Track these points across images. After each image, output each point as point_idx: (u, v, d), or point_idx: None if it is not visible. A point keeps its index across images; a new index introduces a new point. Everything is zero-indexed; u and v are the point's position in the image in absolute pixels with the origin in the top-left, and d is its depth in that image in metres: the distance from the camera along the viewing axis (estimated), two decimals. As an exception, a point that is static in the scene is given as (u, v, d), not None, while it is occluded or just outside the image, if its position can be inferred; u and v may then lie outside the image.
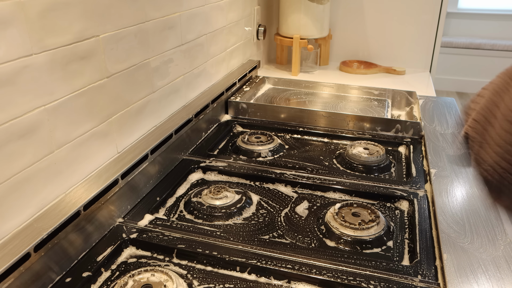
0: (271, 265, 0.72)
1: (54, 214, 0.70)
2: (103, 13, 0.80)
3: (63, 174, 0.75)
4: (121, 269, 0.74)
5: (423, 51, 1.88)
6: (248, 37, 1.64)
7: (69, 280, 0.69)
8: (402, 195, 0.93)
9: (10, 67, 0.62)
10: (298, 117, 1.31)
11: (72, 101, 0.75)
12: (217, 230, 0.81)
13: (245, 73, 1.52)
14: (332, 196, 0.96)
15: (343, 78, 1.77)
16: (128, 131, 0.93)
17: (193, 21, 1.16)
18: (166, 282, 0.67)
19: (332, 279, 0.69)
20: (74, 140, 0.77)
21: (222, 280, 0.72)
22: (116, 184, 0.83)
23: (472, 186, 0.92)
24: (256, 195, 0.96)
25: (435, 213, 0.84)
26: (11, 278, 0.60)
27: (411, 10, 1.82)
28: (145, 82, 0.97)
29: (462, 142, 0.55)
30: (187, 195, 0.95)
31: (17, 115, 0.64)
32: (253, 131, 1.23)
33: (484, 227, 0.78)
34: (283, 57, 1.96)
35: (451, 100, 1.43)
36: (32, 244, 0.63)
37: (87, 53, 0.77)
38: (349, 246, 0.79)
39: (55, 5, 0.68)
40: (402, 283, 0.69)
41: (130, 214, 0.86)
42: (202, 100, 1.21)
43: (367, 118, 1.25)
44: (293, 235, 0.83)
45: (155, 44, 0.99)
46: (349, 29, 1.93)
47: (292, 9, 1.74)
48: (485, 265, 0.69)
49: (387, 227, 0.83)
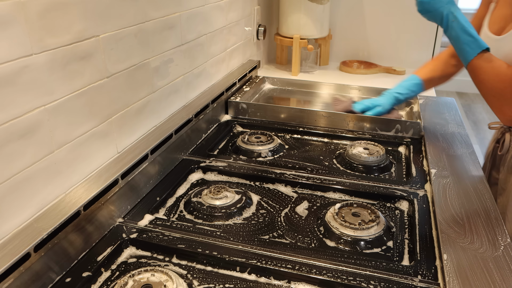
0: (271, 265, 0.72)
1: (54, 214, 0.70)
2: (103, 13, 0.80)
3: (63, 174, 0.75)
4: (121, 269, 0.74)
5: (423, 51, 1.88)
6: (248, 37, 1.64)
7: (69, 280, 0.69)
8: (402, 195, 0.93)
9: (10, 67, 0.62)
10: (298, 117, 1.31)
11: (72, 101, 0.75)
12: (217, 230, 0.81)
13: (245, 73, 1.52)
14: (332, 196, 0.96)
15: (343, 78, 1.77)
16: (128, 131, 0.93)
17: (193, 21, 1.16)
18: (166, 282, 0.67)
19: (332, 279, 0.69)
20: (74, 140, 0.77)
21: (222, 280, 0.72)
22: (116, 184, 0.83)
23: (472, 186, 0.92)
24: (256, 195, 0.96)
25: (435, 213, 0.84)
26: (11, 278, 0.60)
27: (411, 10, 1.81)
28: (145, 82, 0.97)
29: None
30: (187, 195, 0.95)
31: (17, 115, 0.64)
32: (253, 131, 1.23)
33: (484, 227, 0.78)
34: (283, 57, 1.96)
35: (451, 100, 1.43)
36: (32, 244, 0.63)
37: (87, 53, 0.77)
38: (349, 246, 0.79)
39: (55, 5, 0.68)
40: (402, 283, 0.69)
41: (130, 214, 0.86)
42: (202, 100, 1.21)
43: (367, 118, 1.25)
44: (293, 235, 0.83)
45: (155, 44, 0.99)
46: (349, 29, 1.93)
47: (292, 9, 1.74)
48: (485, 265, 0.69)
49: (387, 227, 0.83)
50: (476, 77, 1.00)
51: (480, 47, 0.98)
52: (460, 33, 1.00)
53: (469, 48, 0.99)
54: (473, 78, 1.01)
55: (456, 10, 1.01)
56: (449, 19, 1.01)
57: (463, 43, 1.00)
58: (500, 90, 0.96)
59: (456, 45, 1.02)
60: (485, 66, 0.97)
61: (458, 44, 1.01)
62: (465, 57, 1.00)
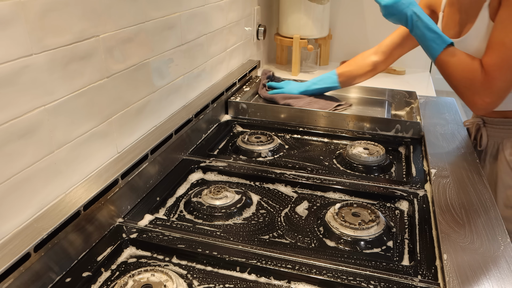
0: (271, 265, 0.72)
1: (54, 214, 0.70)
2: (103, 13, 0.80)
3: (63, 174, 0.75)
4: (121, 269, 0.74)
5: (423, 51, 1.87)
6: (248, 37, 1.64)
7: (69, 280, 0.69)
8: (402, 195, 0.93)
9: (10, 67, 0.62)
10: (298, 117, 1.31)
11: (72, 101, 0.75)
12: (217, 230, 0.81)
13: (245, 73, 1.52)
14: (332, 196, 0.96)
15: (343, 78, 1.76)
16: (128, 131, 0.93)
17: (193, 21, 1.16)
18: (166, 282, 0.67)
19: (332, 279, 0.69)
20: (74, 140, 0.77)
21: (222, 280, 0.72)
22: (116, 184, 0.83)
23: (472, 186, 0.92)
24: (256, 195, 0.96)
25: (435, 213, 0.84)
26: (11, 278, 0.60)
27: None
28: (145, 82, 0.97)
29: None
30: (187, 195, 0.95)
31: (17, 115, 0.64)
32: (253, 131, 1.23)
33: (484, 227, 0.78)
34: (283, 57, 1.96)
35: (451, 100, 1.43)
36: (32, 244, 0.63)
37: (87, 53, 0.77)
38: (349, 246, 0.79)
39: (55, 5, 0.68)
40: (402, 283, 0.69)
41: (130, 214, 0.86)
42: (202, 100, 1.21)
43: (367, 118, 1.25)
44: (293, 235, 0.83)
45: (155, 44, 0.99)
46: (349, 29, 1.93)
47: (292, 9, 1.74)
48: (485, 265, 0.69)
49: (387, 227, 0.83)
50: (445, 71, 1.02)
51: (445, 42, 1.01)
52: (425, 31, 1.03)
53: (435, 44, 1.02)
54: (442, 73, 1.04)
55: (419, 10, 1.04)
56: (413, 19, 1.04)
57: (429, 40, 1.03)
58: (470, 80, 0.98)
59: (422, 43, 1.05)
60: (452, 60, 1.00)
61: (424, 41, 1.04)
62: (432, 53, 1.03)
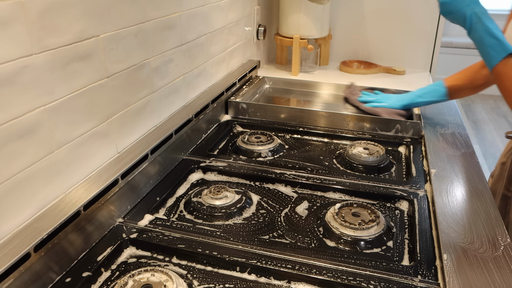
0: (271, 265, 0.72)
1: (54, 214, 0.70)
2: (103, 13, 0.80)
3: (63, 174, 0.75)
4: (121, 269, 0.74)
5: (423, 51, 1.87)
6: (248, 37, 1.64)
7: (69, 280, 0.69)
8: (402, 195, 0.93)
9: (10, 67, 0.62)
10: (298, 117, 1.31)
11: (72, 101, 0.75)
12: (217, 230, 0.81)
13: (245, 73, 1.52)
14: (332, 196, 0.96)
15: (343, 78, 1.77)
16: (128, 131, 0.93)
17: (193, 21, 1.16)
18: (166, 282, 0.67)
19: (332, 279, 0.69)
20: (74, 140, 0.77)
21: (222, 280, 0.72)
22: (116, 184, 0.83)
23: (472, 186, 0.92)
24: (256, 195, 0.96)
25: (435, 213, 0.84)
26: (11, 278, 0.60)
27: (411, 10, 1.82)
28: (145, 82, 0.97)
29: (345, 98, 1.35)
30: (187, 195, 0.95)
31: (17, 115, 0.64)
32: (253, 131, 1.23)
33: (484, 227, 0.78)
34: (283, 57, 1.96)
35: (451, 100, 1.43)
36: (32, 244, 0.63)
37: (87, 53, 0.77)
38: (349, 246, 0.79)
39: (55, 5, 0.68)
40: (402, 283, 0.69)
41: (130, 214, 0.86)
42: (202, 100, 1.21)
43: (367, 118, 1.25)
44: (293, 235, 0.83)
45: (155, 44, 0.99)
46: (349, 29, 1.93)
47: (292, 9, 1.74)
48: (485, 265, 0.69)
49: (387, 227, 0.83)
50: (502, 83, 0.92)
51: (506, 50, 0.91)
52: (484, 35, 0.92)
53: (493, 51, 0.91)
54: (498, 85, 0.94)
55: (481, 10, 0.94)
56: (473, 21, 0.93)
57: (487, 46, 0.92)
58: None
59: (480, 48, 0.95)
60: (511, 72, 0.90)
61: (482, 47, 0.94)
62: (490, 61, 0.93)
